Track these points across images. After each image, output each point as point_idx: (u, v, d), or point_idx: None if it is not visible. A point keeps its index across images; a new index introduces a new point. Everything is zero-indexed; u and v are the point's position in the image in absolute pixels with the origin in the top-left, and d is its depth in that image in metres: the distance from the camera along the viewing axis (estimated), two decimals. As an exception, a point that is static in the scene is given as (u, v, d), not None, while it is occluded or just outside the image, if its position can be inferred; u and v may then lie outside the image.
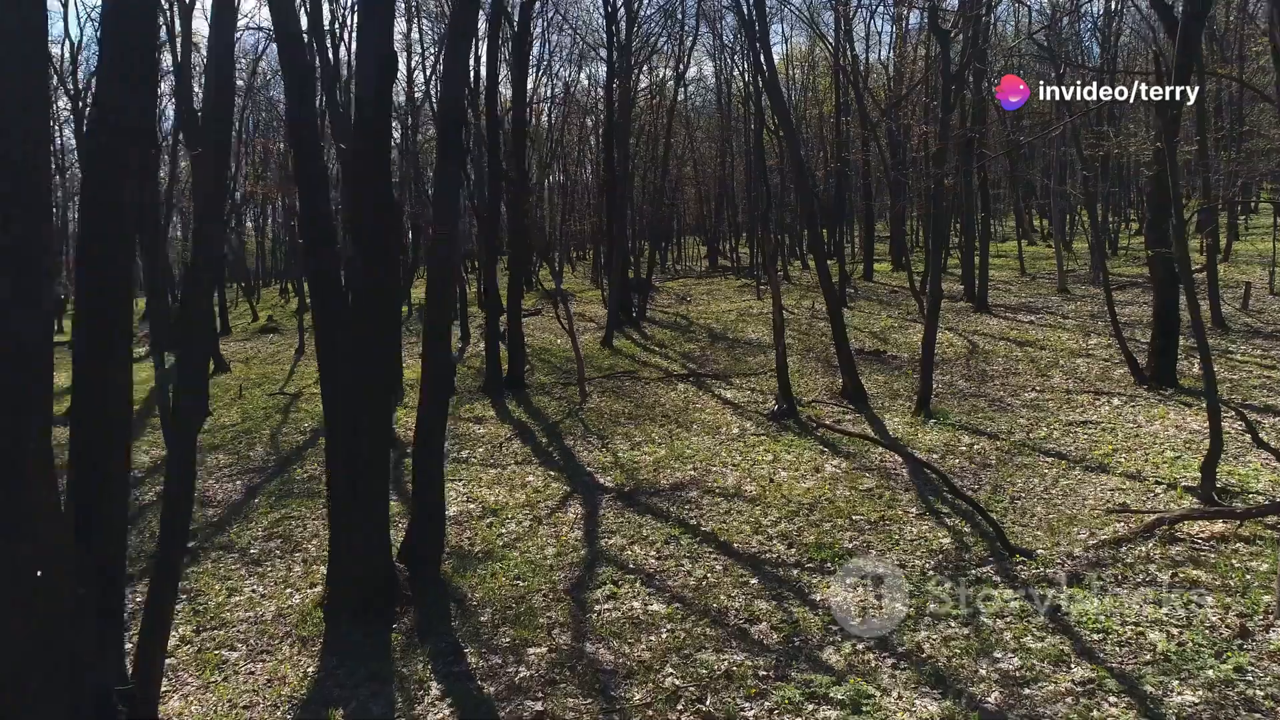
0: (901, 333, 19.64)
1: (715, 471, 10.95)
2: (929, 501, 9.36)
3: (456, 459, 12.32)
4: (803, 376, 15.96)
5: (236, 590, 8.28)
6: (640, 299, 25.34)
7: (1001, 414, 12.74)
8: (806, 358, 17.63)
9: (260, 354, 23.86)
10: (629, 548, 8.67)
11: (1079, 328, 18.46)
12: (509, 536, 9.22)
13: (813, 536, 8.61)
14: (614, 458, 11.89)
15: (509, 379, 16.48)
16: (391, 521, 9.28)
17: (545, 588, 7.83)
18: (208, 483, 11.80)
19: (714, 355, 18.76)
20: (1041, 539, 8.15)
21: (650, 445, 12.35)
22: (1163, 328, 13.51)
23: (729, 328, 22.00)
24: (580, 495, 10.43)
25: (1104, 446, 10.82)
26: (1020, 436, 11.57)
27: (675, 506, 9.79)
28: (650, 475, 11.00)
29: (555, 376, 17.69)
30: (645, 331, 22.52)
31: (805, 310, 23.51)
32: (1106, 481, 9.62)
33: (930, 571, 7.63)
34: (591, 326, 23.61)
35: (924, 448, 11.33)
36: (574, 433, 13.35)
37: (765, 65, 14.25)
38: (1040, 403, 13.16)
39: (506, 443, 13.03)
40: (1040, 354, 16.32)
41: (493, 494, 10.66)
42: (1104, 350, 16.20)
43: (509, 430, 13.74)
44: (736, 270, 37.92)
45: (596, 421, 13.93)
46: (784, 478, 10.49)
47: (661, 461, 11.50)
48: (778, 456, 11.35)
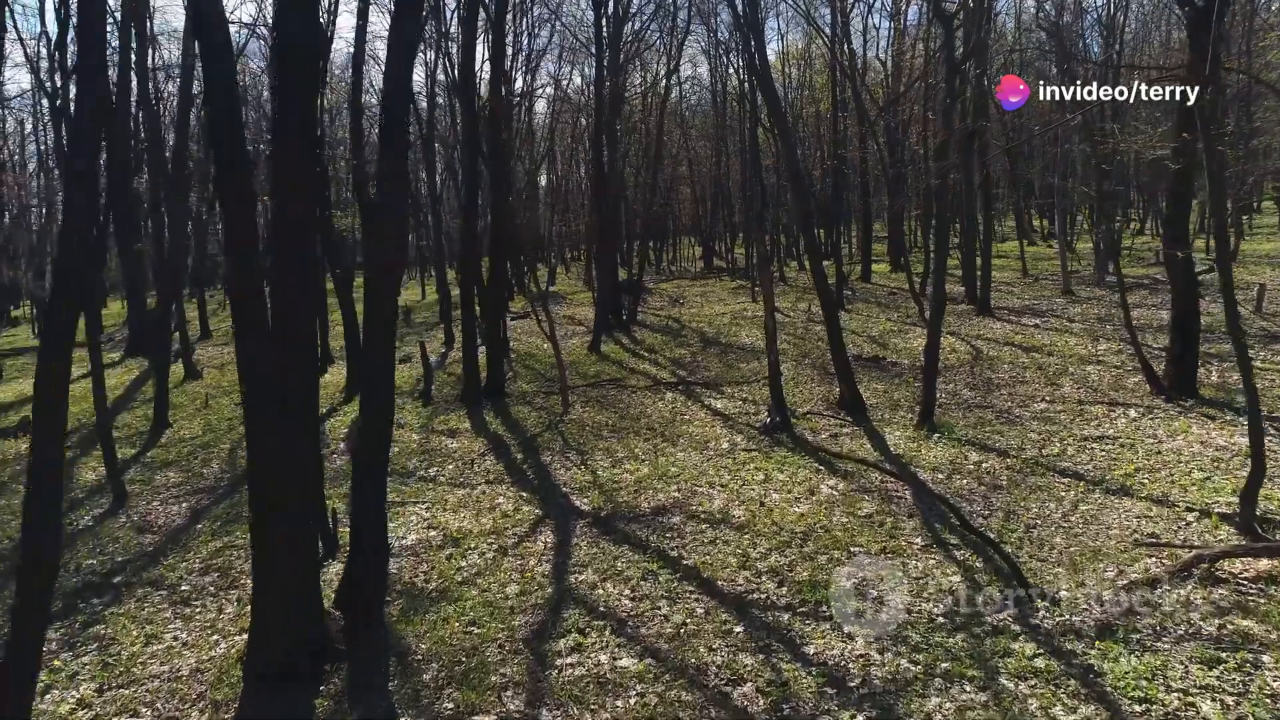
0: (901, 337, 18.65)
1: (701, 493, 9.96)
2: (935, 530, 8.38)
3: (424, 478, 11.33)
4: (797, 385, 14.97)
5: (156, 637, 7.28)
6: (631, 301, 24.34)
7: (1010, 427, 11.75)
8: (801, 364, 16.64)
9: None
10: (601, 585, 7.68)
11: (1087, 332, 17.48)
12: (469, 570, 8.22)
13: (806, 572, 7.63)
14: (593, 476, 10.90)
15: (488, 388, 15.49)
16: (339, 557, 8.31)
17: (503, 635, 6.84)
18: (151, 505, 10.80)
19: (705, 362, 17.77)
20: (1064, 577, 7.17)
21: (633, 462, 11.36)
22: (1181, 333, 12.52)
23: (722, 332, 21.01)
24: (553, 521, 9.43)
25: (1124, 465, 9.84)
26: (1032, 453, 10.59)
27: (655, 534, 8.80)
28: (630, 497, 10.01)
29: (538, 384, 16.69)
30: (635, 336, 21.52)
31: (801, 313, 22.53)
32: (1130, 507, 8.63)
33: (940, 618, 6.65)
34: (580, 330, 22.62)
35: (928, 466, 10.34)
36: (552, 447, 12.36)
37: (758, 58, 13.25)
38: (1051, 415, 12.17)
39: (479, 459, 12.03)
40: (1048, 360, 15.33)
41: (457, 519, 9.66)
42: (1115, 356, 15.23)
43: (483, 444, 12.74)
44: (732, 271, 36.94)
45: (577, 435, 12.93)
46: (775, 501, 9.50)
47: (644, 481, 10.51)
48: (769, 476, 10.36)
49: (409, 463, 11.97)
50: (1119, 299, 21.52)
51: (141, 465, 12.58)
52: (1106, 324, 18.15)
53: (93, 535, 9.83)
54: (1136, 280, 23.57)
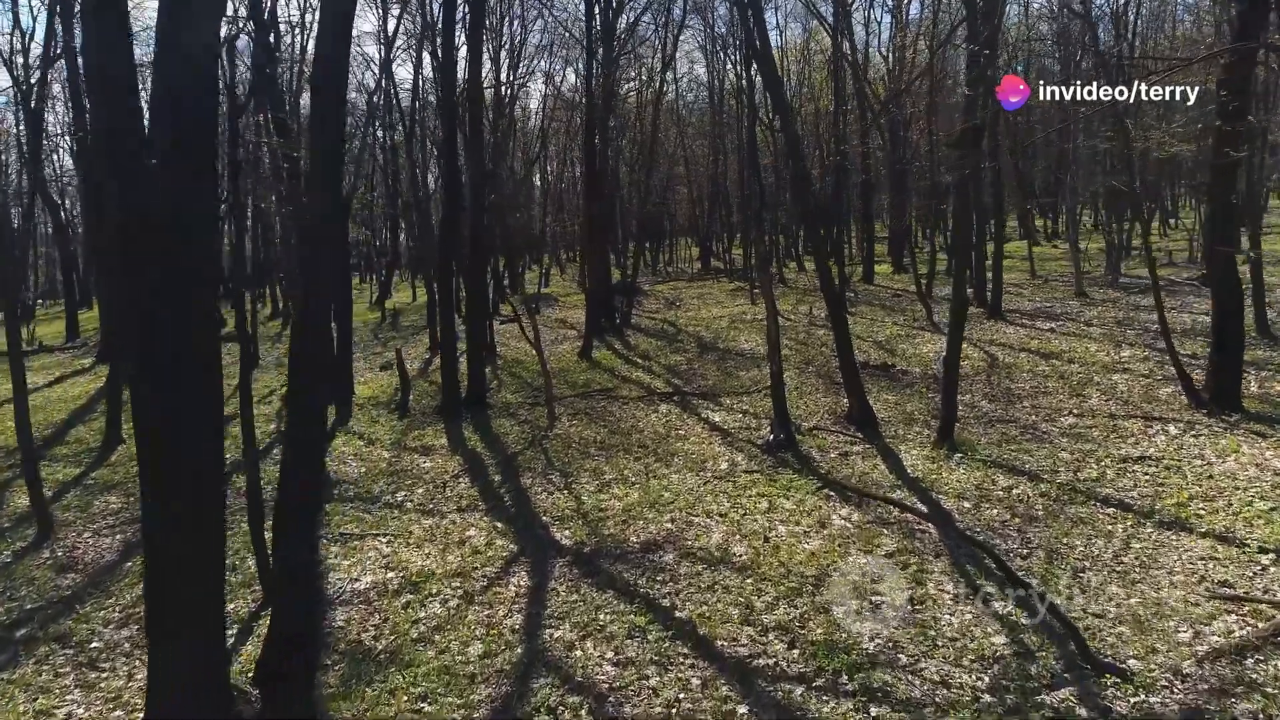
0: (909, 343, 17.42)
1: (697, 524, 8.73)
2: (968, 574, 7.16)
3: (389, 504, 10.08)
4: (801, 395, 13.74)
5: (48, 713, 6.04)
6: (625, 304, 23.10)
7: (1038, 445, 10.53)
8: (805, 372, 15.41)
9: (213, 366, 21.56)
10: (580, 645, 6.45)
11: (1107, 337, 16.26)
12: (427, 624, 6.99)
13: (820, 630, 6.40)
14: (576, 503, 9.66)
15: (469, 399, 14.25)
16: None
17: (459, 716, 5.61)
18: (82, 537, 9.55)
19: (702, 369, 16.54)
20: (1130, 641, 5.94)
21: (622, 486, 10.13)
22: (1223, 340, 11.31)
23: (720, 336, 19.77)
24: (529, 559, 8.20)
25: (1174, 493, 8.62)
26: (1066, 477, 9.37)
27: (645, 577, 7.57)
28: (618, 529, 8.78)
29: (524, 394, 15.45)
30: (629, 340, 20.28)
31: (802, 316, 21.29)
32: (1191, 545, 7.42)
33: (985, 694, 5.43)
34: (571, 335, 21.36)
35: (952, 492, 9.11)
36: (534, 468, 11.12)
37: (758, 36, 12.01)
38: (1082, 430, 10.96)
39: (453, 481, 10.79)
40: (1070, 369, 14.11)
41: (421, 556, 8.42)
42: (1142, 363, 14.01)
43: (459, 464, 11.50)
44: (729, 272, 35.67)
45: (562, 453, 11.70)
46: (782, 535, 8.27)
47: (633, 509, 9.28)
48: (773, 504, 9.13)
49: (375, 486, 10.73)
50: (1136, 302, 20.47)
51: (82, 488, 11.32)
52: (1127, 328, 16.93)
53: (6, 575, 8.59)
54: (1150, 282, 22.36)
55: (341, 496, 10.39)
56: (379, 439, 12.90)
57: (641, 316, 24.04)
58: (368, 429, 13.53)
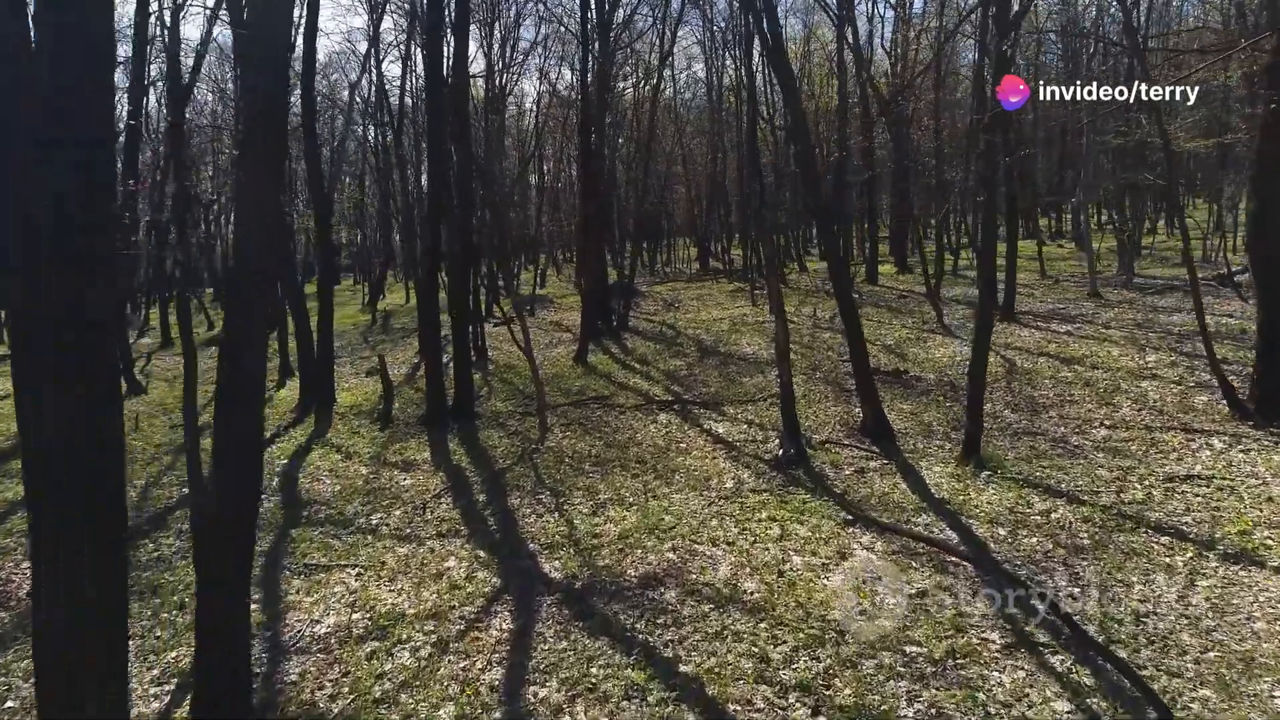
0: (921, 347, 16.46)
1: (702, 554, 7.76)
2: (1015, 620, 6.19)
3: (363, 528, 9.10)
4: (809, 404, 12.78)
5: (-64, 797, 5.06)
6: (623, 305, 22.12)
7: (1072, 461, 9.58)
8: (812, 378, 14.43)
9: (194, 371, 20.54)
10: (569, 709, 5.48)
11: (1129, 340, 15.32)
12: (394, 678, 6.01)
13: (849, 690, 5.44)
14: (568, 527, 8.69)
15: (455, 408, 13.25)
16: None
17: (421, 805, 4.63)
18: (21, 566, 8.55)
19: (703, 375, 15.56)
20: (1214, 703, 4.99)
21: (618, 507, 9.15)
22: (1270, 345, 10.36)
23: (721, 340, 18.81)
24: (513, 596, 7.22)
25: (1233, 518, 7.67)
26: (1109, 498, 8.41)
27: (644, 620, 6.60)
28: (613, 559, 7.80)
29: (515, 402, 14.47)
30: (626, 344, 19.30)
31: (806, 318, 20.33)
32: (1266, 582, 6.46)
33: (1054, 782, 4.46)
34: (567, 338, 20.39)
35: (984, 517, 8.15)
36: (523, 485, 10.14)
37: (769, 31, 10.97)
38: (1117, 444, 10.01)
39: (434, 501, 9.80)
40: (1094, 375, 13.16)
41: (392, 592, 7.44)
42: (1171, 369, 13.07)
43: (441, 481, 10.52)
44: (729, 273, 34.70)
45: (554, 468, 10.72)
46: (798, 568, 7.30)
47: (630, 535, 8.30)
48: (786, 529, 8.16)
49: (349, 506, 9.74)
50: (1153, 303, 19.52)
51: (31, 509, 10.31)
52: (1148, 331, 15.99)
53: (-75, 615, 7.59)
54: (1168, 281, 21.47)
55: (311, 519, 9.40)
56: (358, 452, 11.91)
57: (639, 319, 23.07)
58: (347, 441, 12.55)
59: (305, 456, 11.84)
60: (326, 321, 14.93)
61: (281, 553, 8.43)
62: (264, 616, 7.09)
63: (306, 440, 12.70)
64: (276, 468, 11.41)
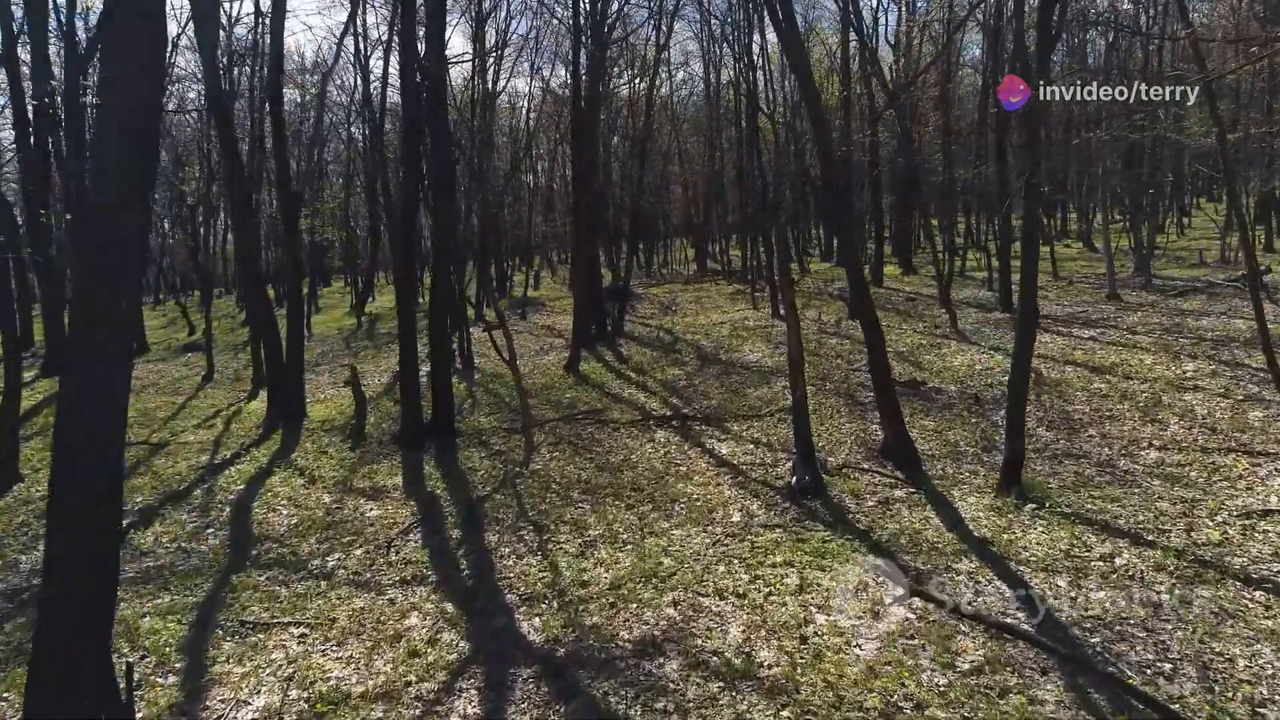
0: (935, 354, 15.22)
1: (708, 610, 6.49)
2: (1091, 701, 4.95)
3: (316, 572, 7.81)
4: (821, 419, 11.52)
5: None
6: (618, 309, 20.84)
7: (1126, 491, 8.34)
8: (822, 389, 13.17)
9: (166, 379, 19.22)
10: (541, 841, 4.20)
11: (1161, 347, 14.09)
12: (325, 791, 4.73)
13: (903, 817, 4.17)
14: (552, 572, 7.41)
15: (433, 426, 11.97)
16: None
17: None
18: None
19: (704, 386, 14.29)
20: None
21: (609, 546, 7.88)
22: (1341, 359, 9.15)
23: (721, 346, 17.54)
24: (483, 668, 5.94)
25: (1334, 566, 6.43)
26: (1179, 539, 7.17)
27: (640, 703, 5.33)
28: (604, 616, 6.53)
29: (501, 416, 13.18)
30: (621, 351, 18.02)
31: (811, 322, 19.07)
32: (1399, 657, 5.22)
33: None
34: (559, 344, 19.11)
35: (1037, 563, 6.90)
36: (503, 518, 8.86)
37: (783, 15, 9.61)
38: (1174, 470, 8.78)
39: (402, 537, 8.52)
40: (1130, 386, 11.92)
41: (339, 661, 6.15)
42: (1212, 379, 11.83)
43: (412, 512, 9.23)
44: (728, 274, 33.44)
45: (539, 496, 9.44)
46: (823, 630, 6.04)
47: (624, 584, 7.04)
48: (806, 577, 6.89)
49: (305, 544, 8.45)
50: (1177, 306, 18.26)
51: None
52: (1179, 336, 14.77)
53: None
54: (1187, 284, 20.25)
55: (259, 560, 8.11)
56: (323, 476, 10.62)
57: (635, 323, 21.80)
58: (313, 462, 11.25)
59: (265, 481, 10.54)
60: (296, 328, 13.64)
61: (217, 605, 7.15)
62: (181, 694, 5.80)
63: (269, 461, 11.40)
64: (230, 494, 10.11)
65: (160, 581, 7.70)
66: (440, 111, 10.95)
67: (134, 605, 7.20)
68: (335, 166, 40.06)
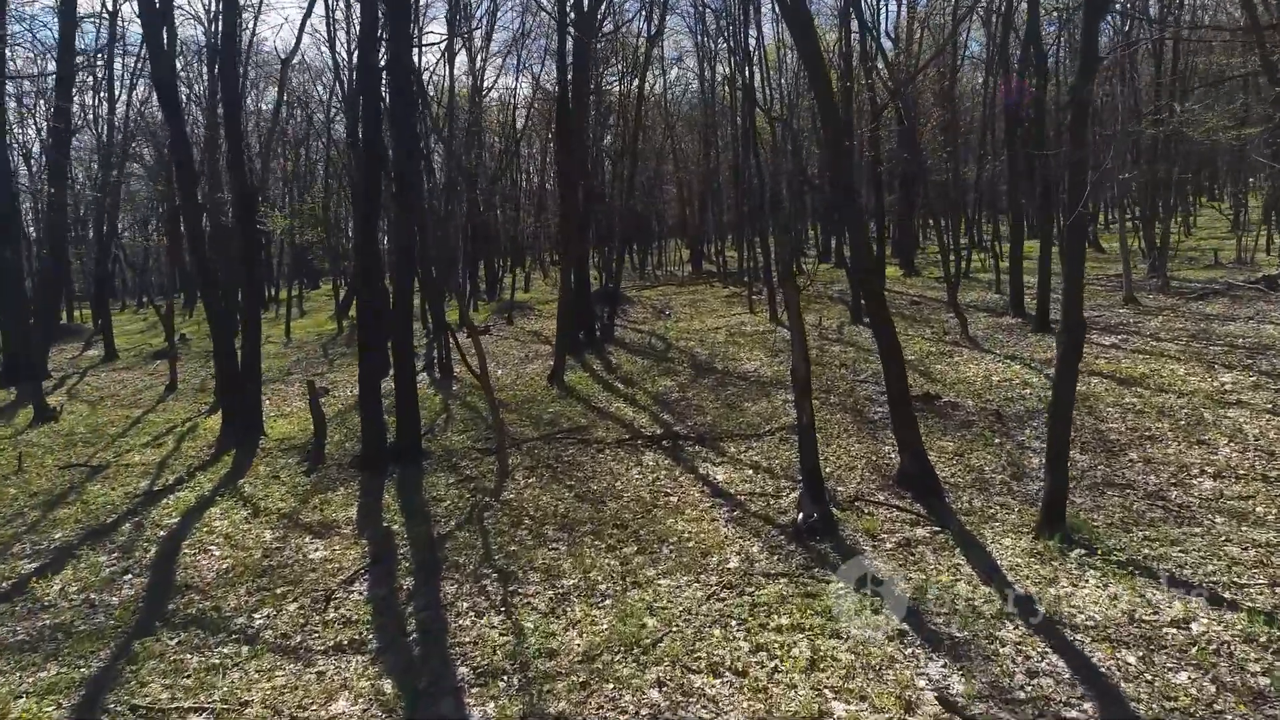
0: (947, 363, 13.99)
1: (699, 692, 5.23)
2: None
3: (239, 633, 6.51)
4: (826, 439, 10.26)
5: None
6: (607, 313, 19.58)
7: (1185, 531, 7.11)
8: (826, 403, 11.92)
9: (128, 389, 17.89)
10: None
11: (1191, 355, 12.88)
12: None
13: None
14: (515, 636, 6.14)
15: (398, 446, 10.69)
16: None
17: None
18: None
19: (698, 399, 13.02)
20: None
21: (585, 602, 6.61)
22: None
23: (717, 354, 16.29)
24: (415, 779, 4.68)
25: None
26: (1265, 598, 5.93)
27: (610, 839, 4.07)
28: (573, 701, 5.27)
29: (476, 433, 11.90)
30: (609, 359, 16.76)
31: (811, 328, 17.83)
32: None
33: None
34: (545, 351, 17.82)
35: (1098, 630, 5.64)
36: (465, 563, 7.58)
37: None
38: (1234, 503, 7.55)
39: (346, 587, 7.23)
40: (1166, 401, 10.70)
41: (240, 767, 4.88)
42: (1254, 393, 10.62)
43: (362, 553, 7.96)
44: (723, 276, 32.19)
45: (508, 534, 8.17)
46: (843, 727, 4.78)
47: (600, 653, 5.77)
48: (818, 648, 5.63)
49: (233, 596, 7.16)
50: (1199, 310, 16.96)
51: None
52: (1208, 344, 13.56)
53: None
54: (1205, 285, 19.06)
55: (174, 619, 6.82)
56: (269, 508, 9.33)
57: (626, 328, 20.54)
58: (262, 489, 9.97)
59: (204, 512, 9.25)
60: (253, 337, 12.34)
61: (110, 681, 5.86)
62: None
63: (214, 488, 10.12)
64: (162, 530, 8.82)
65: (51, 647, 6.41)
66: (404, 98, 9.67)
67: (11, 680, 5.92)
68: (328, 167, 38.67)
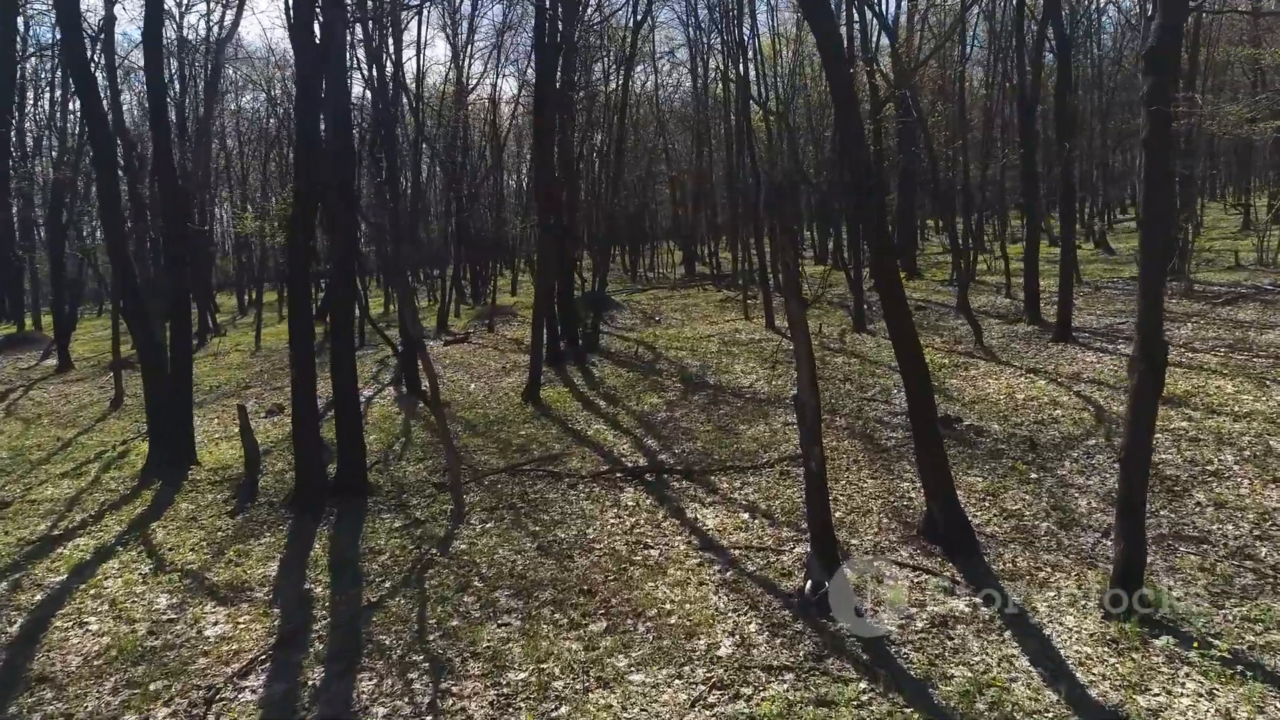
0: (963, 377, 12.45)
1: None
2: None
3: (82, 757, 4.91)
4: (834, 473, 8.67)
5: None
6: (592, 321, 17.99)
7: (1292, 606, 5.57)
8: (831, 425, 10.34)
9: (71, 404, 16.23)
10: None
11: (1235, 369, 11.37)
12: None
13: None
14: (439, 767, 4.56)
15: (338, 482, 9.09)
16: None
17: None
18: None
19: (687, 420, 11.45)
20: None
21: (532, 711, 5.03)
22: None
23: (709, 365, 14.72)
24: None
25: None
26: None
27: None
28: None
29: (435, 462, 10.29)
30: (592, 372, 15.18)
31: (811, 336, 16.27)
32: None
33: None
34: (524, 363, 16.20)
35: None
36: (393, 646, 5.99)
37: None
38: (1345, 566, 6.01)
39: (237, 684, 5.63)
40: (1221, 425, 9.16)
41: None
42: (1324, 416, 9.10)
43: (269, 628, 6.35)
44: (716, 279, 30.60)
45: (452, 602, 6.58)
46: None
47: (545, 802, 4.20)
48: (841, 797, 4.06)
49: (94, 694, 5.55)
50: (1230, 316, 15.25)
51: None
52: (1250, 355, 12.07)
53: None
54: (1231, 289, 17.60)
55: (10, 729, 5.24)
56: (177, 561, 7.73)
57: (613, 335, 18.97)
58: (175, 536, 8.37)
59: (98, 568, 7.65)
60: (183, 353, 10.75)
61: None
62: None
63: (120, 534, 8.51)
64: (40, 593, 7.20)
65: None
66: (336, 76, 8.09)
67: None
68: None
